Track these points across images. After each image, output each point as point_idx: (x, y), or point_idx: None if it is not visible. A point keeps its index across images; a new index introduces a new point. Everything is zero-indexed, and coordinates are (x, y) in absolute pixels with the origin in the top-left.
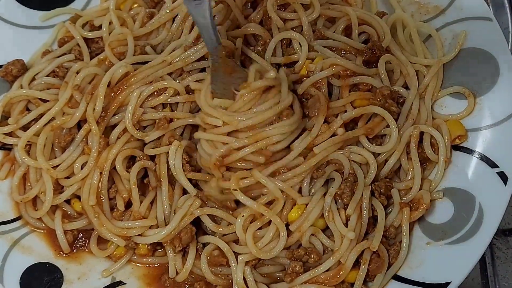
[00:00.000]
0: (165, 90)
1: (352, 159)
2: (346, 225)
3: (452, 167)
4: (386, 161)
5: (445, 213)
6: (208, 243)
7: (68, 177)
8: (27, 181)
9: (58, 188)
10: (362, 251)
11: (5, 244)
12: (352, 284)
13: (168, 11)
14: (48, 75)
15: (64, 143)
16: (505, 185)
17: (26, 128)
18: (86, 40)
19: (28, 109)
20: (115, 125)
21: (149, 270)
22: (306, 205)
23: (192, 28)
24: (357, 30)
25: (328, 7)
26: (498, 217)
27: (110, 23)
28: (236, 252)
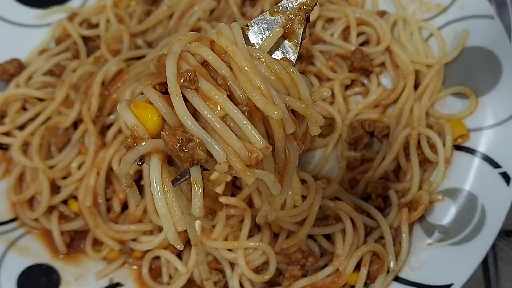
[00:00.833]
0: None
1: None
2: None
3: (454, 168)
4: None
5: (447, 214)
6: None
7: (65, 178)
8: (24, 182)
9: (55, 189)
10: None
11: (2, 245)
12: (353, 287)
13: (166, 8)
14: (45, 74)
15: (61, 144)
16: (508, 186)
17: (23, 128)
18: (84, 38)
19: (25, 108)
20: (112, 125)
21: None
22: None
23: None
24: (355, 32)
25: (328, 8)
26: (501, 218)
27: (108, 21)
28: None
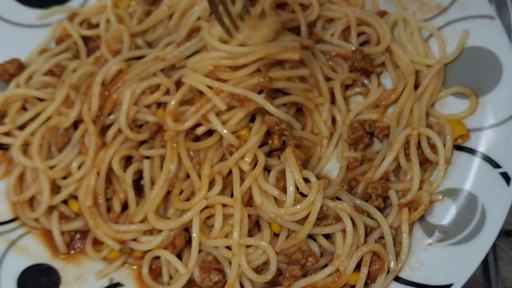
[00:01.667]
0: (159, 88)
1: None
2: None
3: (454, 168)
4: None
5: (447, 214)
6: None
7: (65, 178)
8: (24, 182)
9: (55, 189)
10: None
11: (2, 245)
12: (353, 287)
13: (166, 8)
14: (45, 74)
15: (61, 144)
16: (508, 186)
17: (23, 128)
18: (84, 38)
19: (25, 108)
20: (112, 125)
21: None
22: None
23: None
24: (356, 32)
25: (328, 8)
26: (501, 218)
27: (108, 21)
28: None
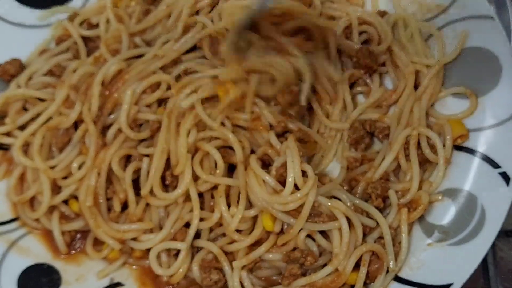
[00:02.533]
0: (159, 86)
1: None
2: None
3: (454, 168)
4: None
5: (447, 214)
6: None
7: (66, 178)
8: (25, 182)
9: (56, 189)
10: None
11: (3, 245)
12: (352, 286)
13: (164, 7)
14: (46, 74)
15: (62, 144)
16: (508, 186)
17: (24, 128)
18: (84, 39)
19: (26, 109)
20: (112, 124)
21: (145, 270)
22: None
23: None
24: (357, 31)
25: (329, 6)
26: (501, 218)
27: (108, 21)
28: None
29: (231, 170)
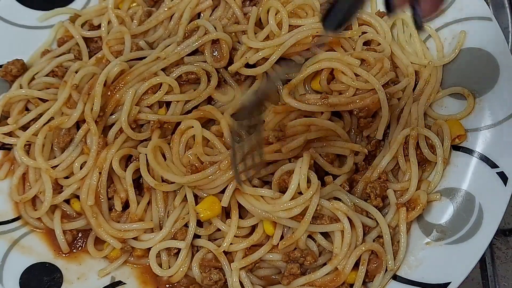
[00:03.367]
0: (160, 87)
1: None
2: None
3: (452, 167)
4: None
5: (445, 213)
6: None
7: (67, 177)
8: (27, 181)
9: (58, 188)
10: None
11: (5, 244)
12: (352, 285)
13: (166, 9)
14: (48, 75)
15: (63, 144)
16: (505, 185)
17: (26, 128)
18: (85, 40)
19: (28, 109)
20: (113, 124)
21: (146, 269)
22: None
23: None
24: (358, 32)
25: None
26: (498, 218)
27: (109, 22)
28: (229, 253)
29: None
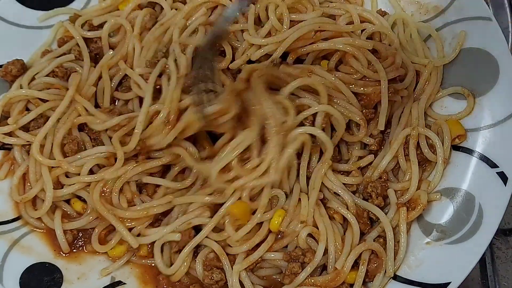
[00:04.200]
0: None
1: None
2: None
3: (452, 167)
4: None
5: (445, 213)
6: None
7: (68, 177)
8: (27, 181)
9: (58, 188)
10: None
11: (5, 244)
12: (352, 285)
13: (159, 26)
14: (48, 75)
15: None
16: (505, 185)
17: (26, 128)
18: (85, 40)
19: (28, 109)
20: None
21: (146, 269)
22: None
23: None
24: (360, 28)
25: (328, 6)
26: (498, 217)
27: (109, 23)
28: (231, 254)
29: None
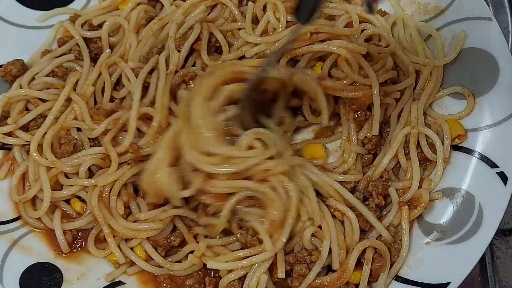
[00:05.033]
0: None
1: None
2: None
3: (452, 167)
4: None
5: (445, 213)
6: None
7: (68, 177)
8: (26, 181)
9: (58, 189)
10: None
11: (5, 244)
12: (357, 285)
13: (157, 21)
14: (48, 75)
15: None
16: (505, 185)
17: (25, 128)
18: (85, 40)
19: (28, 109)
20: None
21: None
22: None
23: None
24: (359, 29)
25: (327, 5)
26: (498, 217)
27: (109, 23)
28: None
29: None
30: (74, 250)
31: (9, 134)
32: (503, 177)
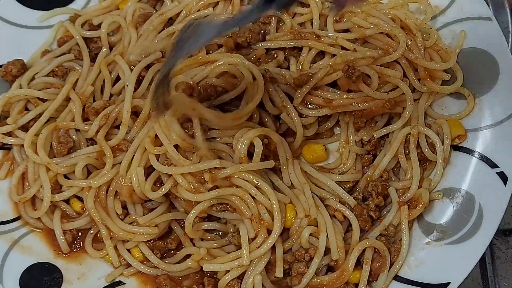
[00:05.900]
0: None
1: None
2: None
3: (452, 167)
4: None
5: (445, 213)
6: None
7: (67, 177)
8: (26, 181)
9: (57, 188)
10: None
11: (5, 244)
12: (357, 285)
13: (158, 16)
14: (48, 75)
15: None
16: (505, 185)
17: (25, 128)
18: (85, 40)
19: (28, 109)
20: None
21: None
22: None
23: None
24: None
25: (327, 6)
26: (498, 217)
27: (109, 24)
28: None
29: None
30: (74, 250)
31: (9, 134)
32: (503, 177)
